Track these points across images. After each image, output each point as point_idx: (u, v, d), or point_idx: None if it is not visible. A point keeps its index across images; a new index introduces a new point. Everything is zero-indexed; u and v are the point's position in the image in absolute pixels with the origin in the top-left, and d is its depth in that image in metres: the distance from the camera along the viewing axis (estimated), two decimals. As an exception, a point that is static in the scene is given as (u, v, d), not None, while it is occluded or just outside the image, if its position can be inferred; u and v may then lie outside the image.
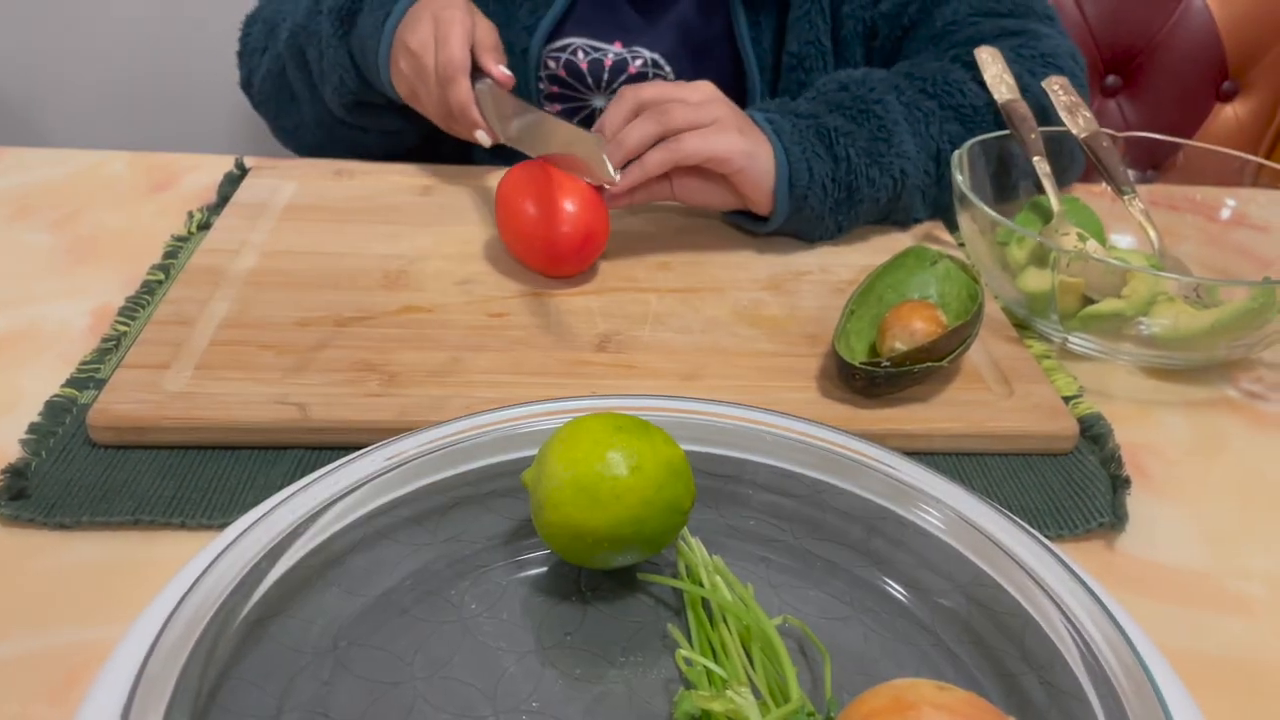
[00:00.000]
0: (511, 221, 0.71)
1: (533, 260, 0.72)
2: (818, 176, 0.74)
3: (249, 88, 0.97)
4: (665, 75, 0.91)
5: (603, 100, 0.92)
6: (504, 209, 0.72)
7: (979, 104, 0.80)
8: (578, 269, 0.71)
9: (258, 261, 0.71)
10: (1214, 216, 0.81)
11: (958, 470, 0.58)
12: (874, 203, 0.77)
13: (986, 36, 0.85)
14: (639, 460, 0.43)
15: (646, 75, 0.91)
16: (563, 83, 0.92)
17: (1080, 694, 0.39)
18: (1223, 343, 0.65)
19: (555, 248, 0.70)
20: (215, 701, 0.38)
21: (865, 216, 0.79)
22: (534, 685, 0.42)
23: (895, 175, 0.77)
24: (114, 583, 0.48)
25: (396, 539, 0.46)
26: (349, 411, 0.57)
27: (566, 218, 0.69)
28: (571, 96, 0.93)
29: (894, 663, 0.43)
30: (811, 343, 0.66)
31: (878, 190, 0.77)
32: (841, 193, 0.75)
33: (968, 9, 0.88)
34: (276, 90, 0.92)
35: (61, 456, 0.54)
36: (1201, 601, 0.51)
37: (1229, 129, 1.33)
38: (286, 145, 0.99)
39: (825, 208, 0.75)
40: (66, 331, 0.65)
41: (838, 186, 0.75)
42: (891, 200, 0.78)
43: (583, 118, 0.94)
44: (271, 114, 0.96)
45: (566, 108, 0.93)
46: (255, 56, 0.94)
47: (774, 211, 0.75)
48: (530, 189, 0.70)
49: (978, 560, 0.45)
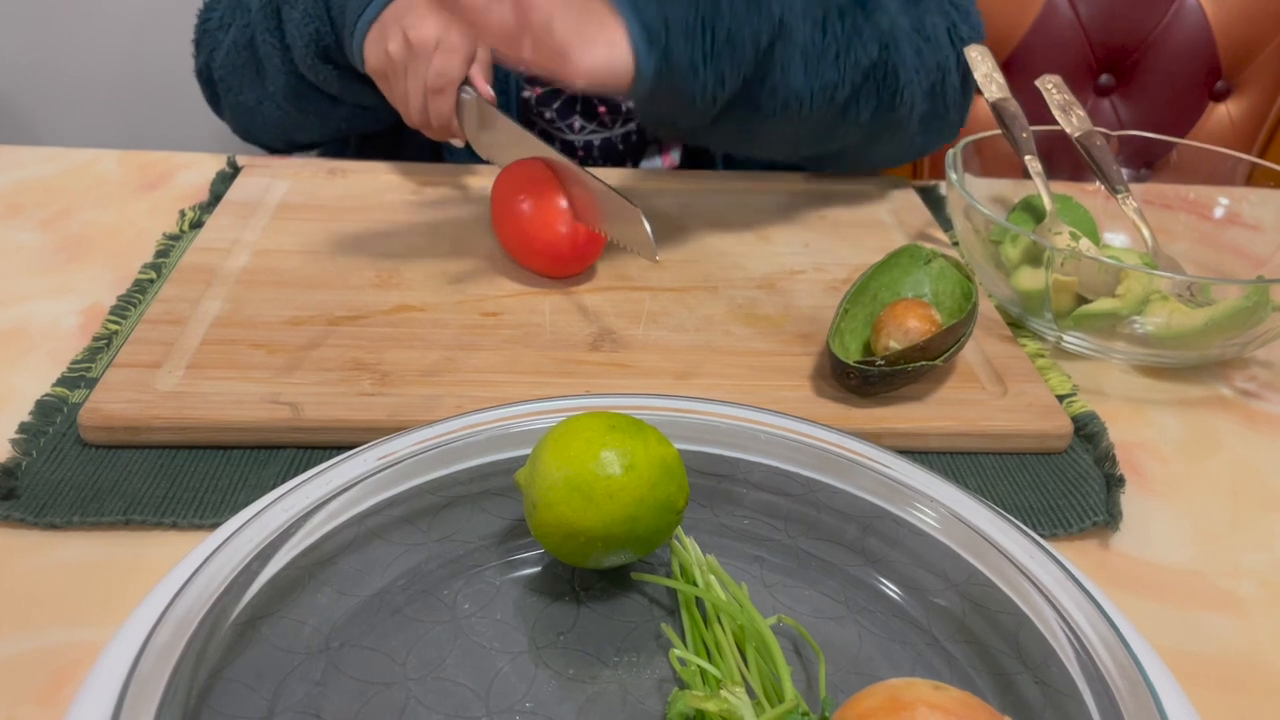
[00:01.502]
0: (508, 222, 0.70)
1: (531, 261, 0.71)
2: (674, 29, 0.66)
3: (207, 70, 0.93)
4: None
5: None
6: (500, 209, 0.71)
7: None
8: (578, 269, 0.71)
9: (250, 260, 0.71)
10: (1207, 215, 0.81)
11: (952, 469, 0.58)
12: (751, 44, 0.69)
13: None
14: (633, 459, 0.43)
15: None
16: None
17: (1075, 692, 0.39)
18: (1216, 341, 0.65)
19: (555, 248, 0.69)
20: (206, 702, 0.38)
21: (746, 62, 0.70)
22: (527, 685, 0.41)
23: (773, 18, 0.70)
24: (105, 583, 0.47)
25: (389, 539, 0.46)
26: (341, 411, 0.56)
27: (566, 218, 0.68)
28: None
29: (889, 662, 0.43)
30: (806, 341, 0.66)
31: (754, 30, 0.69)
32: (706, 40, 0.67)
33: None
34: (243, 64, 0.88)
35: (52, 456, 0.54)
36: (1195, 600, 0.51)
37: (1222, 128, 1.34)
38: (243, 128, 0.94)
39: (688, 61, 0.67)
40: (57, 330, 0.65)
41: (701, 36, 0.67)
42: (766, 53, 0.71)
43: (564, 100, 0.92)
44: (234, 90, 0.90)
45: (546, 90, 0.91)
46: (218, 34, 0.91)
47: (636, 76, 0.66)
48: (527, 189, 0.69)
49: (972, 559, 0.45)
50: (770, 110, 0.73)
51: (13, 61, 1.50)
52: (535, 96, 0.92)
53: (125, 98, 1.54)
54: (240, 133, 0.95)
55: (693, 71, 0.68)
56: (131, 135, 1.53)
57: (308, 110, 0.88)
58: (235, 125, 0.95)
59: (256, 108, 0.90)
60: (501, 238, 0.72)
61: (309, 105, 0.88)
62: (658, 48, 0.66)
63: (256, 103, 0.90)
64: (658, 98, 0.69)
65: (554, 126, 0.95)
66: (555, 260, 0.70)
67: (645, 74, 0.66)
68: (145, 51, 1.48)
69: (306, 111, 0.88)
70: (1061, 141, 0.80)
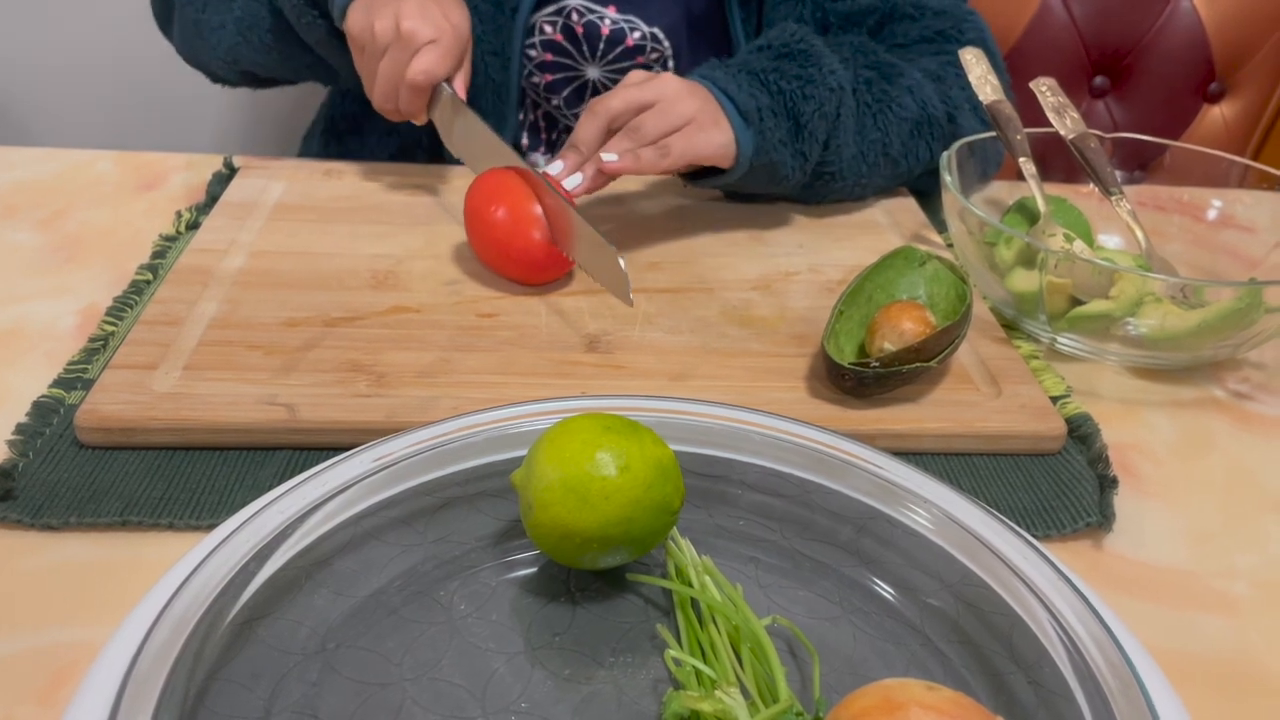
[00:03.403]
0: (483, 231, 0.70)
1: (507, 269, 0.71)
2: (763, 110, 0.75)
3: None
4: (663, 50, 0.91)
5: (597, 71, 0.91)
6: (473, 219, 0.70)
7: (893, 61, 0.84)
8: (554, 275, 0.71)
9: (246, 261, 0.71)
10: (1201, 217, 0.81)
11: (946, 470, 0.58)
12: (823, 120, 0.78)
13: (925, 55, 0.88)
14: (628, 460, 0.43)
15: (644, 49, 0.90)
16: (557, 48, 0.90)
17: (1067, 693, 0.40)
18: (1209, 343, 0.65)
19: (529, 255, 0.69)
20: (203, 703, 0.38)
21: (819, 137, 0.79)
22: (523, 686, 0.42)
23: (833, 87, 0.78)
24: (102, 584, 0.48)
25: (385, 540, 0.46)
26: (337, 412, 0.56)
27: (540, 224, 0.68)
28: (565, 65, 0.91)
29: (882, 662, 0.43)
30: (800, 343, 0.66)
31: (822, 106, 0.78)
32: (788, 122, 0.77)
33: (917, 34, 0.90)
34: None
35: (49, 457, 0.54)
36: (1188, 600, 0.51)
37: (1216, 130, 1.34)
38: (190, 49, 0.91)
39: (778, 139, 0.76)
40: (53, 331, 0.65)
41: (783, 117, 0.76)
42: (836, 120, 0.79)
43: (574, 88, 0.93)
44: (196, 5, 0.88)
45: (559, 77, 0.92)
46: None
47: (738, 157, 0.75)
48: (502, 198, 0.69)
49: (966, 560, 0.45)
50: (836, 169, 0.82)
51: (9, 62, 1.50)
52: (545, 83, 0.92)
53: (122, 98, 1.54)
54: (186, 53, 0.93)
55: (782, 145, 0.77)
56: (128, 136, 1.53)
57: (273, 48, 0.86)
58: (182, 44, 0.92)
59: (218, 29, 0.87)
60: (476, 247, 0.71)
61: (277, 43, 0.85)
62: (754, 127, 0.75)
63: (219, 24, 0.86)
64: (755, 172, 0.77)
65: (560, 113, 0.95)
66: (531, 267, 0.69)
67: (745, 153, 0.75)
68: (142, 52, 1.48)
69: (271, 49, 0.86)
70: (1056, 143, 0.81)
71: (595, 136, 0.72)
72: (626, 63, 0.91)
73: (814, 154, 0.79)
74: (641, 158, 0.71)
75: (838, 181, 0.82)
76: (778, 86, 0.76)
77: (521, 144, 0.97)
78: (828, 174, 0.82)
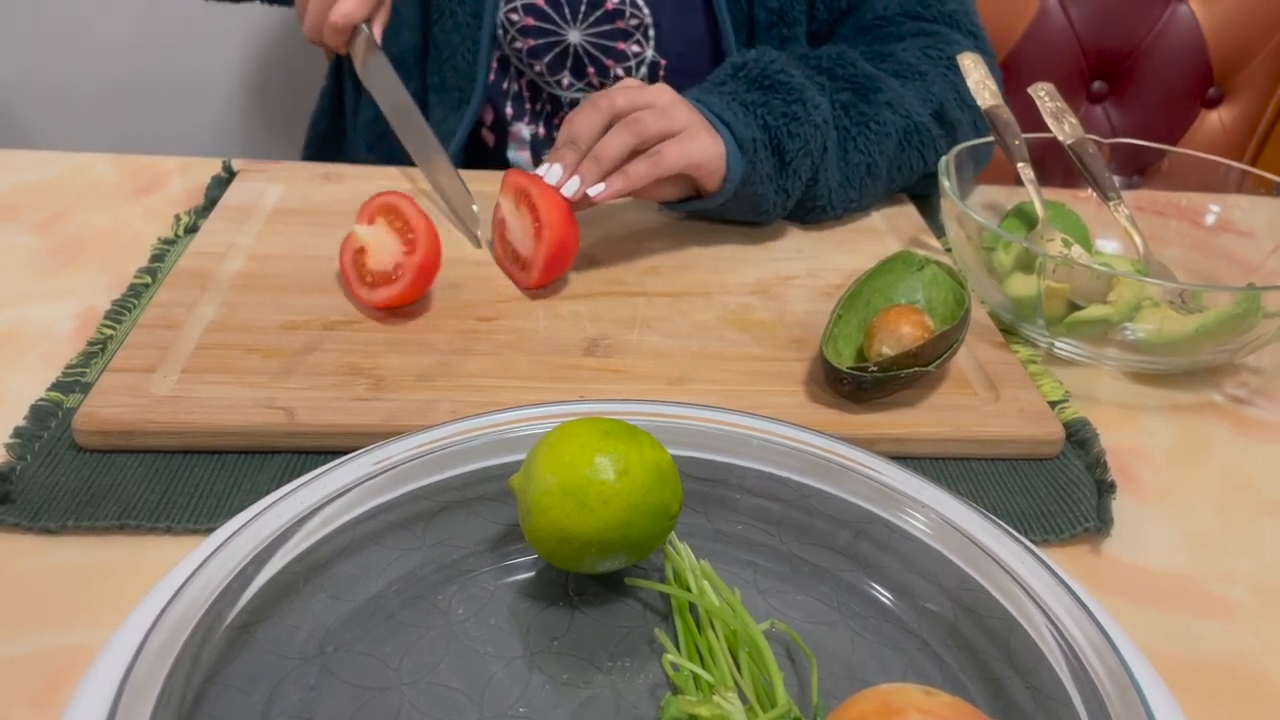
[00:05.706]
0: None
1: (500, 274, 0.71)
2: (757, 142, 0.76)
3: None
4: (642, 17, 0.91)
5: (578, 34, 0.91)
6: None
7: (869, 73, 0.83)
8: (548, 280, 0.71)
9: (245, 265, 0.71)
10: (1199, 222, 0.81)
11: (944, 475, 0.58)
12: (807, 158, 0.78)
13: (905, 36, 0.89)
14: (626, 465, 0.43)
15: (623, 13, 0.90)
16: (538, 12, 0.91)
17: (1065, 698, 0.40)
18: (1207, 348, 0.65)
19: (523, 261, 0.70)
20: (200, 707, 0.38)
21: (803, 175, 0.79)
22: (521, 690, 0.42)
23: (817, 124, 0.78)
24: (99, 587, 0.47)
25: (383, 544, 0.46)
26: (336, 415, 0.56)
27: (535, 230, 0.68)
28: (546, 31, 0.92)
29: (880, 667, 0.43)
30: (799, 347, 0.66)
31: (807, 144, 0.77)
32: (774, 159, 0.77)
33: (897, 7, 0.91)
34: None
35: (46, 460, 0.54)
36: (1186, 605, 0.51)
37: (1214, 135, 1.34)
38: None
39: (765, 172, 0.77)
40: (51, 334, 0.65)
41: (770, 152, 0.77)
42: (823, 155, 0.79)
43: (556, 54, 0.93)
44: None
45: (540, 42, 0.92)
46: None
47: (726, 177, 0.75)
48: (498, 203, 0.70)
49: (964, 565, 0.45)
50: (825, 202, 0.82)
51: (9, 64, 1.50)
52: (527, 49, 0.93)
53: (120, 102, 1.54)
54: None
55: (768, 180, 0.78)
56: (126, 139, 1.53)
57: None
58: None
59: None
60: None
61: None
62: (747, 156, 0.76)
63: None
64: (738, 199, 0.78)
65: (544, 80, 0.96)
66: (526, 272, 0.70)
67: (734, 178, 0.76)
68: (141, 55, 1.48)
69: None
70: (1054, 148, 0.81)
71: (595, 130, 0.72)
72: (607, 25, 0.91)
73: (796, 191, 0.79)
74: (631, 175, 0.71)
75: (827, 212, 0.82)
76: (764, 122, 0.76)
77: (506, 113, 0.98)
78: (817, 207, 0.82)
